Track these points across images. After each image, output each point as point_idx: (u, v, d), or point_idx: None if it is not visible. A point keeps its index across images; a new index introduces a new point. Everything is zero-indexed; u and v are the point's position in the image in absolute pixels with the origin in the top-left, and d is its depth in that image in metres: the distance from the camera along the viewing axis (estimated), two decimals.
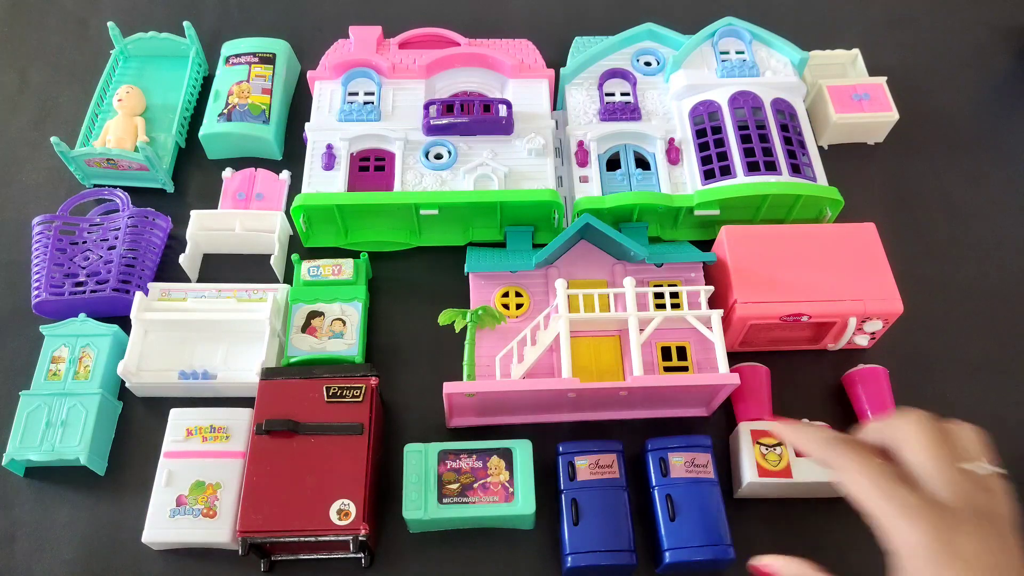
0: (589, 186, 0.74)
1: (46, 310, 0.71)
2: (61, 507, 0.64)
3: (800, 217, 0.76)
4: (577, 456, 0.62)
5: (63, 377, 0.66)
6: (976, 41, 0.95)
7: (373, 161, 0.75)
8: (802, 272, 0.67)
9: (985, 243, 0.79)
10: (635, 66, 0.81)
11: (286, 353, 0.68)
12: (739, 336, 0.68)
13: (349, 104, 0.77)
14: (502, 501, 0.60)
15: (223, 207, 0.77)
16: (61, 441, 0.63)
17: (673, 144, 0.76)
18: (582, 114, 0.78)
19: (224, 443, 0.63)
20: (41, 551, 0.62)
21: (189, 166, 0.82)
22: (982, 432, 0.44)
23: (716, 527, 0.59)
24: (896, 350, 0.71)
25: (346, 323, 0.69)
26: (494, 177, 0.73)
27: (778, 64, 0.80)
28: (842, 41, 0.89)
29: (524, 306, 0.69)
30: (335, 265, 0.72)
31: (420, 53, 0.82)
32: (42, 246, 0.72)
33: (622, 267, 0.70)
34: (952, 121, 0.88)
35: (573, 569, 0.59)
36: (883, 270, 0.67)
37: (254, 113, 0.80)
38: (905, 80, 0.87)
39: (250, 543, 0.56)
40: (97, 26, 0.93)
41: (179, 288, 0.72)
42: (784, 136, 0.75)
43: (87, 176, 0.80)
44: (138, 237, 0.73)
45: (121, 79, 0.86)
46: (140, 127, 0.81)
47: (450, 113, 0.75)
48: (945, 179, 0.83)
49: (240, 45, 0.86)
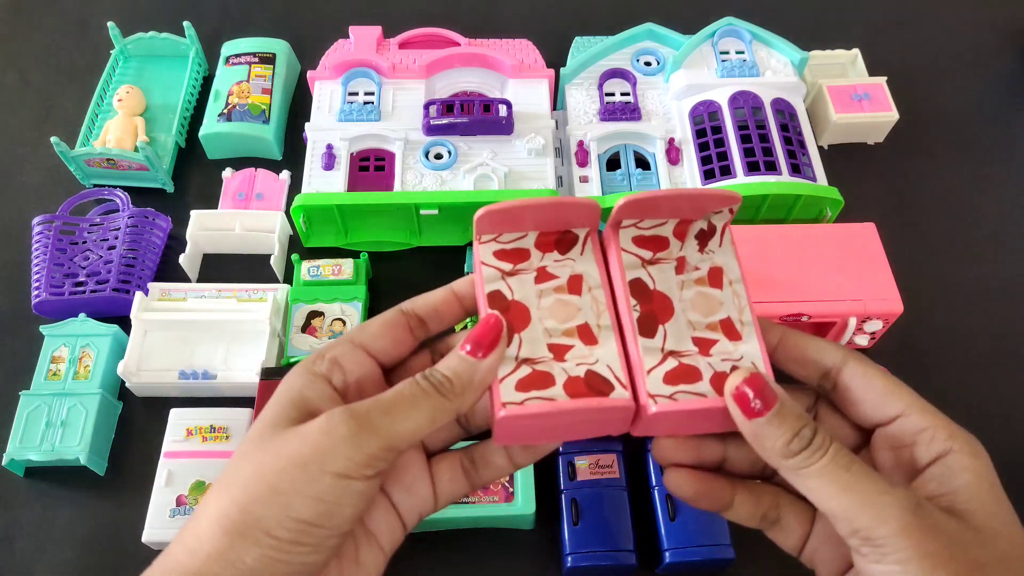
0: (589, 186, 0.74)
1: (46, 310, 0.71)
2: (61, 507, 0.64)
3: (800, 217, 0.76)
4: (577, 456, 0.62)
5: (63, 377, 0.66)
6: (976, 41, 0.95)
7: (373, 161, 0.75)
8: (802, 272, 0.67)
9: (985, 243, 0.79)
10: (635, 66, 0.81)
11: (286, 353, 0.68)
12: None
13: (349, 104, 0.77)
14: (502, 501, 0.60)
15: (223, 207, 0.77)
16: (61, 441, 0.63)
17: (673, 144, 0.76)
18: (582, 114, 0.78)
19: (224, 443, 0.63)
20: (41, 551, 0.62)
21: (189, 166, 0.82)
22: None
23: (716, 527, 0.59)
24: (896, 350, 0.71)
25: (346, 323, 0.69)
26: (494, 177, 0.73)
27: (778, 64, 0.80)
28: (842, 41, 0.89)
29: None
30: (335, 265, 0.72)
31: (420, 53, 0.82)
32: (42, 246, 0.72)
33: None
34: (952, 121, 0.88)
35: (573, 569, 0.59)
36: (883, 270, 0.67)
37: (254, 113, 0.81)
38: (905, 80, 0.87)
39: None
40: (97, 26, 0.93)
41: (179, 288, 0.72)
42: (784, 136, 0.75)
43: (87, 176, 0.80)
44: (138, 237, 0.73)
45: (121, 79, 0.86)
46: (140, 127, 0.81)
47: (450, 113, 0.75)
48: (945, 179, 0.83)
49: (240, 45, 0.86)
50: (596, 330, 0.37)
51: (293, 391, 0.34)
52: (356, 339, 0.37)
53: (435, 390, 0.34)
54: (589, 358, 0.36)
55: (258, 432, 0.33)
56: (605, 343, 0.36)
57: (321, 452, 0.31)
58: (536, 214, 0.37)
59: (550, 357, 0.36)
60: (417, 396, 0.33)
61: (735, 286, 0.38)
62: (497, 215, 0.36)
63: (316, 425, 0.32)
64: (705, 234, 0.38)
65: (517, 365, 0.35)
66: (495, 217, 0.36)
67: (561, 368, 0.35)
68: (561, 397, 0.34)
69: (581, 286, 0.38)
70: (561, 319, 0.37)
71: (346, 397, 0.35)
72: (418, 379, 0.34)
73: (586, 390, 0.35)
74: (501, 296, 0.37)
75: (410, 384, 0.34)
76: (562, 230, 0.38)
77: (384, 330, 0.37)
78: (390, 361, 0.38)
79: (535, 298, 0.37)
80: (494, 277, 0.37)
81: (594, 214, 0.38)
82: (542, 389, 0.35)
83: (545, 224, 0.38)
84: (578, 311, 0.37)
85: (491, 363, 0.34)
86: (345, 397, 0.35)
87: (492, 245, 0.38)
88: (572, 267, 0.38)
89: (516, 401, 0.34)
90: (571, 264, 0.38)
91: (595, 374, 0.35)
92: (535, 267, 0.38)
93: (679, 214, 0.37)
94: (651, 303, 0.36)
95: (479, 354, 0.34)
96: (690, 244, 0.38)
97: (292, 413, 0.33)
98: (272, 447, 0.32)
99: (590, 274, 0.38)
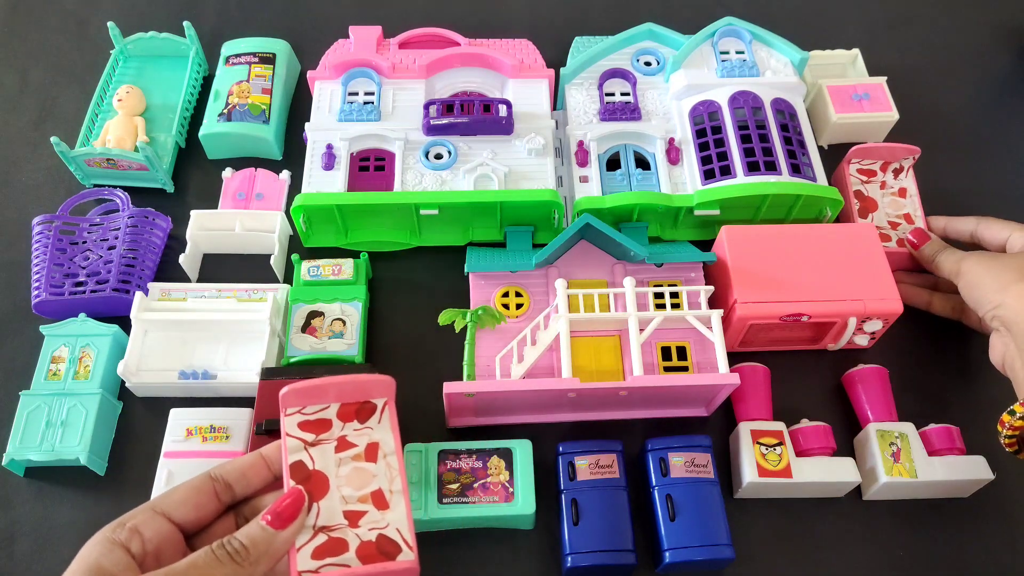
0: (589, 186, 0.74)
1: (46, 310, 0.71)
2: (61, 507, 0.64)
3: (800, 217, 0.76)
4: (577, 456, 0.62)
5: (63, 377, 0.66)
6: (976, 41, 0.95)
7: (373, 161, 0.75)
8: (802, 272, 0.67)
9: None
10: (635, 66, 0.81)
11: (286, 353, 0.68)
12: (739, 336, 0.68)
13: (349, 104, 0.77)
14: (502, 501, 0.60)
15: (223, 207, 0.77)
16: (61, 441, 0.63)
17: (673, 144, 0.76)
18: (582, 114, 0.78)
19: (224, 443, 0.63)
20: (41, 551, 0.62)
21: (189, 166, 0.82)
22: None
23: (716, 527, 0.59)
24: (896, 350, 0.71)
25: (346, 323, 0.69)
26: (494, 177, 0.73)
27: (778, 64, 0.80)
28: (842, 41, 0.89)
29: (524, 306, 0.69)
30: (335, 265, 0.72)
31: (420, 53, 0.82)
32: (42, 246, 0.72)
33: (622, 267, 0.70)
34: (952, 121, 0.88)
35: (573, 569, 0.59)
36: (883, 270, 0.67)
37: (254, 113, 0.80)
38: (905, 80, 0.87)
39: None
40: (97, 26, 0.93)
41: (179, 288, 0.72)
42: (784, 136, 0.75)
43: (87, 176, 0.80)
44: (138, 237, 0.73)
45: (121, 79, 0.86)
46: (140, 127, 0.81)
47: (450, 113, 0.75)
48: (945, 179, 0.83)
49: (240, 45, 0.86)
50: (388, 495, 0.41)
51: (90, 561, 0.36)
52: (158, 507, 0.39)
53: (230, 558, 0.36)
54: (380, 522, 0.40)
55: None
56: (396, 507, 0.41)
57: None
58: (338, 388, 0.42)
59: (345, 524, 0.40)
60: (211, 564, 0.35)
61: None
62: (301, 391, 0.41)
63: None
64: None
65: (314, 533, 0.39)
66: (300, 393, 0.41)
67: (355, 534, 0.40)
68: (354, 562, 0.39)
69: (377, 453, 0.42)
70: (357, 486, 0.41)
71: (143, 565, 0.37)
72: (214, 548, 0.36)
73: (377, 554, 0.39)
74: (303, 466, 0.41)
75: (205, 553, 0.36)
76: (362, 400, 0.44)
77: (188, 496, 0.40)
78: (192, 526, 0.40)
79: (334, 467, 0.41)
80: (297, 448, 0.41)
81: (390, 387, 0.44)
82: (336, 556, 0.39)
83: (347, 396, 0.43)
84: (373, 477, 0.42)
85: (288, 535, 0.38)
86: (143, 565, 0.37)
87: (297, 417, 0.42)
88: (370, 435, 0.43)
89: (311, 569, 0.38)
90: (369, 432, 0.43)
91: (385, 538, 0.40)
92: (336, 436, 0.42)
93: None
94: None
95: (279, 526, 0.37)
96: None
97: None
98: None
99: (386, 441, 0.43)
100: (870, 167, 0.77)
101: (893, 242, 0.73)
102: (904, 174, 0.76)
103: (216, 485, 0.41)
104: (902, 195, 0.76)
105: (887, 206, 0.74)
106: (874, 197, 0.75)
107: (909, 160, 0.76)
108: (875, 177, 0.76)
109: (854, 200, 0.75)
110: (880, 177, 0.76)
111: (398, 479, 0.42)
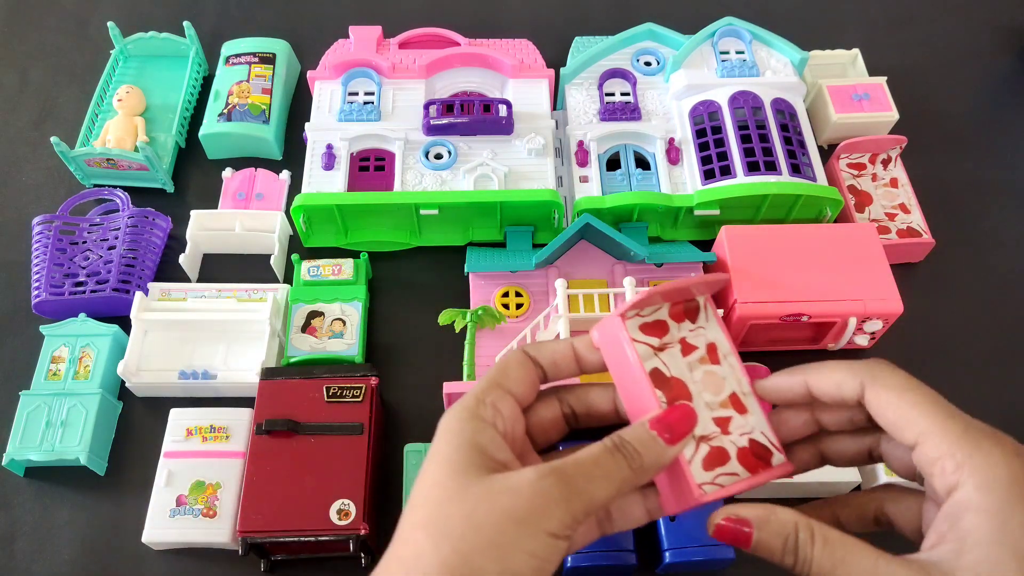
0: (589, 186, 0.74)
1: (46, 310, 0.71)
2: (61, 507, 0.64)
3: (800, 217, 0.76)
4: None
5: (63, 377, 0.66)
6: (976, 41, 0.95)
7: (373, 161, 0.75)
8: (802, 272, 0.67)
9: (985, 243, 0.79)
10: (635, 66, 0.81)
11: (286, 353, 0.68)
12: (739, 336, 0.68)
13: (349, 104, 0.77)
14: None
15: (223, 207, 0.77)
16: (61, 441, 0.63)
17: (673, 144, 0.76)
18: (582, 114, 0.78)
19: (224, 443, 0.63)
20: (41, 551, 0.62)
21: (189, 166, 0.82)
22: None
23: None
24: (896, 350, 0.71)
25: (346, 323, 0.69)
26: (494, 177, 0.73)
27: (778, 64, 0.80)
28: (842, 41, 0.89)
29: (524, 306, 0.69)
30: (335, 265, 0.72)
31: (420, 53, 0.82)
32: (42, 246, 0.72)
33: (622, 267, 0.70)
34: (952, 121, 0.88)
35: (573, 569, 0.59)
36: (883, 270, 0.67)
37: (254, 113, 0.80)
38: (905, 80, 0.87)
39: (250, 543, 0.56)
40: (97, 26, 0.93)
41: (179, 288, 0.72)
42: (784, 136, 0.75)
43: (87, 176, 0.80)
44: (138, 237, 0.73)
45: (121, 79, 0.86)
46: (140, 127, 0.81)
47: (450, 113, 0.75)
48: (945, 179, 0.83)
49: (240, 45, 0.86)
50: (743, 397, 0.39)
51: (466, 437, 0.34)
52: (504, 384, 0.37)
53: (626, 463, 0.34)
54: (745, 427, 0.38)
55: (448, 473, 0.33)
56: (753, 410, 0.38)
57: (536, 510, 0.31)
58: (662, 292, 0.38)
59: (719, 432, 0.37)
60: (611, 467, 0.34)
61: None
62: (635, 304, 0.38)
63: (526, 482, 0.32)
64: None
65: (696, 444, 0.36)
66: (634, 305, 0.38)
67: (730, 441, 0.37)
68: (740, 471, 0.36)
69: (717, 354, 0.39)
70: (714, 391, 0.38)
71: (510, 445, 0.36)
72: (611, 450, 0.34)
73: (754, 460, 0.37)
74: (660, 374, 0.38)
75: (606, 453, 0.34)
76: (687, 299, 0.40)
77: (524, 375, 0.38)
78: (525, 405, 0.38)
79: (688, 372, 0.38)
80: (648, 354, 0.38)
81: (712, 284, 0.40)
82: (724, 465, 0.36)
83: (671, 296, 0.39)
84: (723, 380, 0.39)
85: (678, 450, 0.35)
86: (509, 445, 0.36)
87: (636, 320, 0.39)
88: (705, 336, 0.40)
89: (709, 481, 0.36)
90: (703, 333, 0.40)
91: (756, 442, 0.37)
92: (676, 339, 0.39)
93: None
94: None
95: (672, 440, 0.35)
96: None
97: (476, 459, 0.33)
98: (480, 496, 0.32)
99: (720, 341, 0.40)
100: (859, 160, 0.78)
101: (893, 233, 0.73)
102: (893, 164, 0.77)
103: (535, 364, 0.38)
104: (894, 185, 0.77)
105: (881, 198, 0.75)
106: (867, 191, 0.76)
107: (896, 150, 0.77)
108: (865, 170, 0.77)
109: (849, 196, 0.76)
110: (870, 169, 0.77)
111: (744, 380, 0.39)
